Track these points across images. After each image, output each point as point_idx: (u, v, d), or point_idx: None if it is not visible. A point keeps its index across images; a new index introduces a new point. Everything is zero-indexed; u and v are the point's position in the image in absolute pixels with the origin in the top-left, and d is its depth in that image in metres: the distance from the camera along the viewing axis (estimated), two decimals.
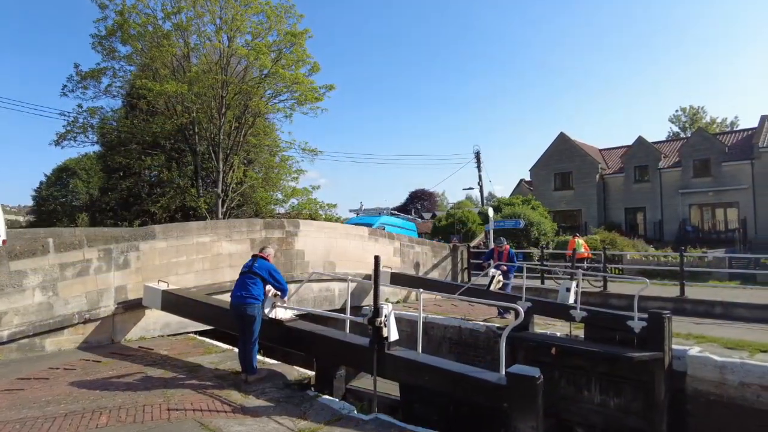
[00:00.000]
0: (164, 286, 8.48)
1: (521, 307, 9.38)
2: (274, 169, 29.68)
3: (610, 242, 23.24)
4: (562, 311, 9.29)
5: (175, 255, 9.06)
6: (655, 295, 12.78)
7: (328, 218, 27.27)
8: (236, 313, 6.27)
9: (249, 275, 6.34)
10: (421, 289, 6.37)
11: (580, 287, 9.77)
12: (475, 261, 18.06)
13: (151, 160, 26.97)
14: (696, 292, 13.65)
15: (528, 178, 40.68)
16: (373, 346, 5.60)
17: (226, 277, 9.65)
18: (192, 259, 9.31)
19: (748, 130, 33.61)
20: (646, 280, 9.29)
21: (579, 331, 9.24)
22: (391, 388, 6.18)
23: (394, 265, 14.14)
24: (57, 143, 24.76)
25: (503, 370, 4.83)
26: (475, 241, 24.70)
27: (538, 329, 9.96)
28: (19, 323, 7.08)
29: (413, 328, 5.88)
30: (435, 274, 16.33)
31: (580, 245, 17.49)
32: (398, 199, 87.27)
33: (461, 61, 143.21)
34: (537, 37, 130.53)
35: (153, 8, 23.22)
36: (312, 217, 25.95)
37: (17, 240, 9.45)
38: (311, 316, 7.44)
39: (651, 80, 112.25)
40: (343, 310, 7.67)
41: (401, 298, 13.92)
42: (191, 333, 9.05)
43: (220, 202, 24.12)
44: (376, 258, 5.69)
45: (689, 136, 38.66)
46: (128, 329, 8.39)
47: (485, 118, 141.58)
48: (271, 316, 6.64)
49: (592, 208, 35.02)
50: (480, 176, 37.20)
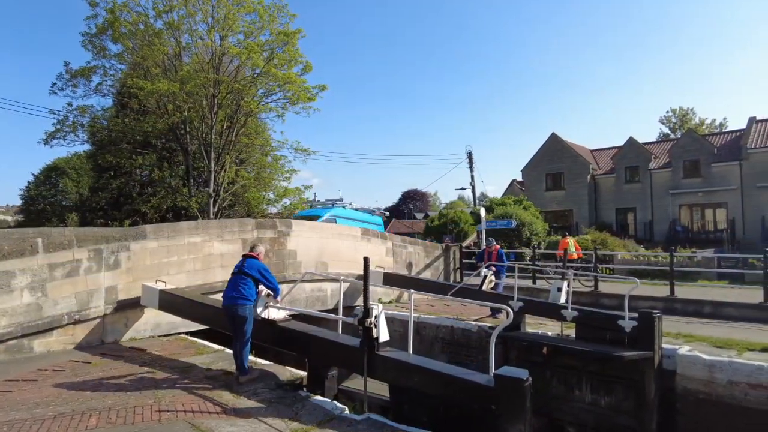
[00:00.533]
0: (162, 286, 8.45)
1: (513, 307, 9.54)
2: (266, 168, 29.53)
3: (601, 242, 23.41)
4: (553, 311, 9.34)
5: (167, 255, 9.00)
6: (646, 295, 12.88)
7: None
8: (228, 313, 6.26)
9: (240, 276, 6.33)
10: (412, 290, 6.36)
11: (572, 287, 9.84)
12: (467, 261, 18.14)
13: (142, 159, 26.69)
14: (686, 291, 13.78)
15: (520, 178, 40.89)
16: (363, 347, 5.59)
17: (218, 278, 9.61)
18: (183, 260, 9.26)
19: (736, 131, 33.99)
20: (637, 279, 9.35)
21: (570, 331, 9.29)
22: (382, 389, 6.17)
23: (387, 265, 14.14)
24: (46, 142, 24.49)
25: (492, 372, 4.81)
26: (467, 241, 24.78)
27: (529, 329, 10.01)
28: (7, 324, 6.99)
29: (405, 328, 5.88)
30: (427, 274, 16.36)
31: (572, 245, 17.65)
32: (391, 199, 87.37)
33: (454, 62, 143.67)
34: (530, 38, 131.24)
35: (144, 6, 23.00)
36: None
37: (5, 240, 9.29)
38: (304, 317, 7.42)
39: (642, 81, 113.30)
40: (335, 310, 7.66)
41: (394, 298, 13.93)
42: (182, 333, 9.00)
43: (212, 202, 23.96)
44: (365, 259, 5.68)
45: (679, 137, 39.03)
46: (119, 330, 8.32)
47: (477, 119, 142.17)
48: (264, 316, 6.62)
49: (584, 209, 35.25)
50: (472, 176, 37.43)
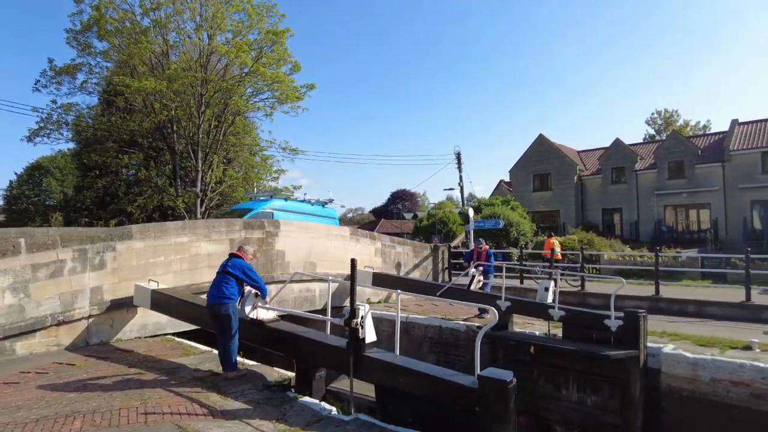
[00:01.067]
0: (154, 286, 8.41)
1: (501, 306, 9.61)
2: (254, 168, 29.42)
3: (587, 242, 23.63)
4: (540, 310, 9.41)
5: (153, 255, 8.90)
6: (632, 295, 13.03)
7: None
8: (211, 312, 6.32)
9: (223, 275, 6.37)
10: (399, 290, 6.36)
11: (558, 287, 9.93)
12: (456, 261, 18.20)
13: (129, 158, 26.44)
14: (670, 291, 13.98)
15: (508, 179, 41.14)
16: (349, 348, 5.58)
17: (205, 278, 9.52)
18: (170, 260, 9.17)
19: (719, 133, 34.53)
20: (623, 279, 9.45)
21: (557, 330, 9.38)
22: (370, 390, 6.17)
23: (376, 265, 14.14)
24: (29, 139, 24.11)
25: (477, 373, 4.80)
26: (455, 242, 24.87)
27: (517, 328, 10.08)
28: None
29: (394, 328, 5.88)
30: (416, 274, 16.39)
31: (557, 245, 17.93)
32: (381, 199, 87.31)
33: (442, 63, 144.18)
34: (519, 40, 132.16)
35: (131, 3, 22.75)
36: None
37: None
38: (292, 317, 7.40)
39: (628, 82, 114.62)
40: (324, 311, 7.64)
41: (383, 298, 13.93)
42: (169, 334, 8.92)
43: (199, 202, 23.80)
44: (353, 261, 5.68)
45: (664, 138, 39.56)
46: (104, 331, 8.21)
47: (466, 120, 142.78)
48: (252, 316, 6.59)
49: (570, 209, 35.58)
50: (461, 177, 37.46)
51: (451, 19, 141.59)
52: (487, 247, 12.21)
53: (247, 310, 6.53)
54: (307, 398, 5.75)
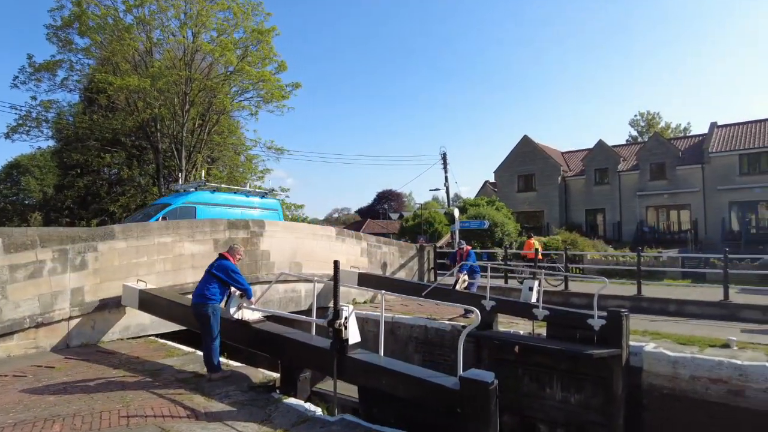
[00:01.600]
0: (142, 286, 8.34)
1: (486, 306, 9.67)
2: (238, 168, 29.20)
3: (571, 242, 23.91)
4: (525, 310, 9.48)
5: (136, 256, 8.78)
6: (614, 294, 13.20)
7: (294, 219, 27.04)
8: (194, 312, 6.31)
9: (208, 275, 6.38)
10: (383, 291, 6.36)
11: (542, 286, 10.03)
12: (441, 261, 18.27)
13: (111, 157, 26.04)
14: (652, 290, 14.21)
15: (493, 179, 41.46)
16: (333, 349, 5.56)
17: (189, 279, 9.43)
18: (153, 260, 9.05)
19: (699, 135, 35.25)
20: (606, 279, 9.57)
21: (542, 330, 9.46)
22: (355, 391, 6.16)
23: (362, 265, 14.13)
24: (7, 136, 23.54)
25: (459, 373, 4.79)
26: (441, 242, 24.99)
27: (502, 328, 10.15)
28: None
29: (379, 328, 5.88)
30: (402, 274, 16.41)
31: (537, 245, 18.16)
32: (367, 199, 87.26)
33: (428, 63, 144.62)
34: (503, 41, 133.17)
35: (113, 0, 22.44)
36: None
37: None
38: (278, 318, 7.35)
39: (613, 84, 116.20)
40: (309, 311, 7.61)
41: (368, 298, 13.93)
42: (152, 336, 8.80)
43: None
44: (336, 262, 5.66)
45: (646, 140, 40.21)
46: (85, 333, 8.07)
47: (452, 120, 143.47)
48: (237, 317, 6.55)
49: (554, 210, 35.98)
50: (446, 177, 37.70)
51: (437, 20, 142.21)
52: (469, 247, 12.48)
53: (232, 310, 6.48)
54: (292, 399, 5.71)
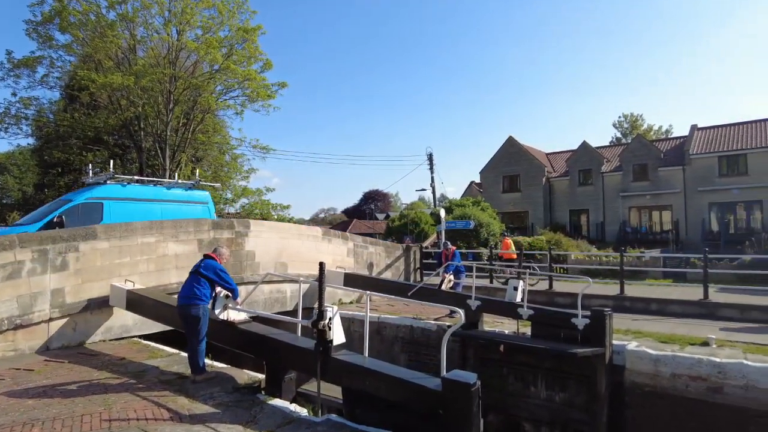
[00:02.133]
0: (130, 286, 8.25)
1: (471, 306, 9.73)
2: (223, 167, 28.97)
3: (555, 243, 24.15)
4: (510, 309, 9.55)
5: (118, 256, 8.66)
6: (598, 294, 13.37)
7: (280, 219, 26.89)
8: (181, 314, 6.18)
9: (195, 275, 6.26)
10: (368, 292, 6.36)
11: (527, 286, 10.12)
12: (428, 261, 18.33)
13: (93, 156, 25.60)
14: (634, 290, 14.43)
15: (478, 180, 41.70)
16: (317, 350, 5.54)
17: (172, 279, 9.33)
18: (136, 260, 8.93)
19: (680, 137, 35.89)
20: (590, 279, 9.67)
21: (526, 329, 9.54)
22: (340, 392, 6.15)
23: (348, 265, 14.11)
24: None
25: (443, 374, 4.78)
26: (427, 242, 25.05)
27: (487, 327, 10.21)
28: None
29: (364, 329, 5.87)
30: (388, 275, 16.42)
31: (512, 246, 18.55)
32: (353, 199, 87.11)
33: (416, 66, 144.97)
34: (489, 43, 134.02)
35: None
36: (264, 217, 25.51)
37: None
38: (264, 318, 7.31)
39: (597, 86, 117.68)
40: (295, 312, 7.58)
41: (355, 298, 13.90)
42: (135, 337, 8.68)
43: None
44: (321, 264, 5.64)
45: (629, 142, 40.81)
46: (66, 335, 7.92)
47: (438, 120, 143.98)
48: (223, 317, 6.49)
49: (539, 210, 36.32)
50: (432, 178, 37.84)
51: (423, 21, 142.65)
52: (454, 248, 12.57)
53: (218, 311, 6.43)
54: (277, 400, 5.68)
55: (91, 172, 14.31)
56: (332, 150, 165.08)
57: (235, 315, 6.63)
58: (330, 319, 5.50)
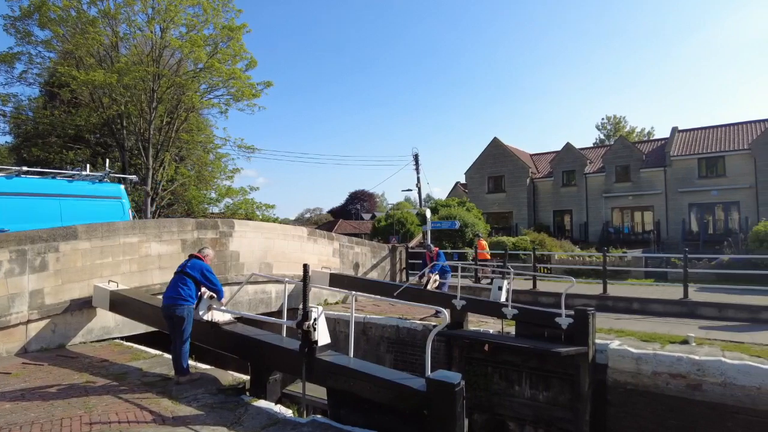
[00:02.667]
0: (114, 287, 8.13)
1: (457, 305, 9.78)
2: (207, 166, 28.67)
3: (539, 243, 24.37)
4: (494, 309, 9.61)
5: (100, 256, 8.52)
6: (581, 293, 13.53)
7: (265, 219, 26.71)
8: (166, 314, 6.11)
9: (181, 275, 6.20)
10: (354, 292, 6.35)
11: (512, 286, 10.20)
12: (413, 261, 18.37)
13: (74, 154, 25.12)
14: (617, 289, 14.64)
15: (463, 180, 41.93)
16: (302, 351, 5.52)
17: (155, 280, 9.22)
18: (118, 261, 8.80)
19: (661, 139, 36.54)
20: (573, 278, 9.76)
21: (511, 328, 9.62)
22: (325, 393, 6.13)
23: (334, 265, 14.07)
24: None
25: (427, 374, 4.78)
26: (413, 242, 25.11)
27: (472, 326, 10.27)
28: None
29: (350, 329, 5.85)
30: (374, 275, 16.42)
31: (487, 246, 18.87)
32: (339, 199, 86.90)
33: (402, 66, 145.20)
34: (473, 43, 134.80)
35: None
36: (248, 217, 25.32)
37: None
38: (248, 319, 7.25)
39: (580, 88, 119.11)
40: (280, 312, 7.54)
41: (341, 299, 13.87)
42: (117, 339, 8.55)
43: (150, 201, 22.95)
44: (305, 266, 5.62)
45: (612, 143, 41.40)
46: (45, 337, 7.77)
47: (424, 122, 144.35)
48: (207, 318, 6.43)
49: (523, 210, 36.65)
50: (418, 178, 38.00)
51: (408, 22, 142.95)
52: (437, 249, 12.68)
53: (202, 312, 6.36)
54: (262, 402, 5.65)
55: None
56: (318, 150, 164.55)
57: (219, 316, 6.57)
58: (315, 320, 5.48)
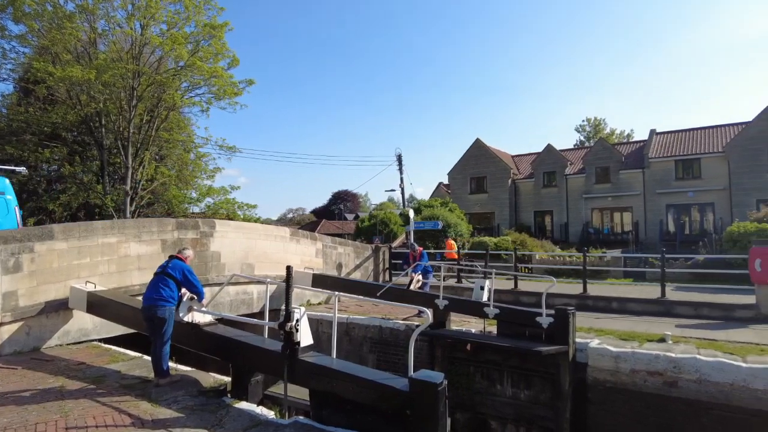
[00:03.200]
0: (91, 288, 7.98)
1: (439, 305, 9.82)
2: (188, 166, 28.29)
3: (520, 243, 24.63)
4: (476, 308, 9.69)
5: (77, 257, 8.34)
6: (561, 293, 13.70)
7: (247, 219, 26.48)
8: (146, 315, 6.01)
9: (162, 276, 6.10)
10: (337, 292, 6.33)
11: (493, 285, 10.28)
12: (396, 261, 18.40)
13: (50, 152, 24.55)
14: (597, 289, 14.87)
15: (446, 181, 42.16)
16: (284, 352, 5.49)
17: (135, 281, 9.06)
18: (96, 261, 8.62)
19: (640, 141, 37.25)
20: (553, 278, 9.88)
21: (492, 328, 9.70)
22: (308, 394, 6.11)
23: (317, 266, 14.02)
24: None
25: (410, 374, 4.79)
26: (396, 242, 25.16)
27: (454, 326, 10.33)
28: None
29: (332, 330, 5.84)
30: (357, 275, 16.41)
31: (455, 246, 19.15)
32: (322, 199, 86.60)
33: (384, 65, 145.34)
34: (454, 45, 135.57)
35: None
36: (229, 217, 25.07)
37: None
38: (229, 320, 7.18)
39: (561, 89, 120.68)
40: (262, 313, 7.48)
41: (323, 299, 13.83)
42: (95, 341, 8.39)
43: (129, 201, 22.57)
44: (288, 268, 5.59)
45: (593, 145, 42.05)
46: (19, 340, 7.57)
47: (407, 122, 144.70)
48: (187, 319, 6.35)
49: (505, 211, 37.01)
50: (402, 179, 37.93)
51: (387, 22, 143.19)
52: (421, 249, 12.73)
53: (182, 313, 6.28)
54: (243, 403, 5.60)
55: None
56: (300, 149, 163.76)
57: (200, 317, 6.49)
58: (297, 321, 5.45)
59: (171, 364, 6.29)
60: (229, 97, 24.61)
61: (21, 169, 14.65)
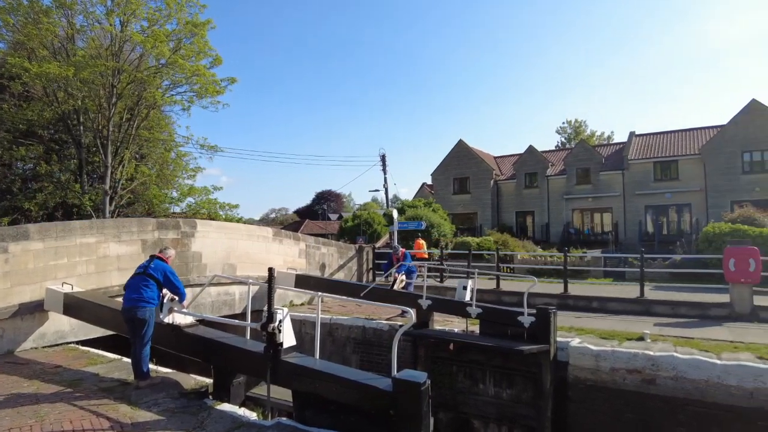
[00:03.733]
0: (68, 289, 7.80)
1: (423, 305, 9.86)
2: (169, 165, 27.90)
3: (502, 243, 24.81)
4: (459, 308, 9.74)
5: (54, 257, 8.16)
6: (543, 292, 13.86)
7: (228, 219, 26.21)
8: (126, 316, 5.92)
9: (143, 277, 6.00)
10: (320, 293, 6.31)
11: (476, 285, 10.35)
12: (380, 261, 18.41)
13: (26, 150, 23.96)
14: (577, 288, 15.07)
15: (430, 181, 42.33)
16: (267, 353, 5.45)
17: (114, 281, 8.90)
18: (75, 262, 8.45)
19: (620, 143, 37.88)
20: (535, 278, 9.99)
21: (475, 327, 9.77)
22: (290, 395, 6.08)
23: (300, 266, 13.95)
24: None
25: (393, 374, 4.78)
26: (380, 242, 25.17)
27: (437, 326, 10.38)
28: None
29: (316, 330, 5.81)
30: (341, 275, 16.37)
31: (425, 246, 19.42)
32: (305, 199, 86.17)
33: (368, 66, 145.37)
34: (437, 46, 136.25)
35: None
36: (211, 217, 24.77)
37: None
38: (211, 322, 7.10)
39: (543, 90, 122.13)
40: (244, 314, 7.42)
41: (306, 300, 13.77)
42: (72, 343, 8.21)
43: (108, 200, 22.16)
44: (270, 269, 5.56)
45: (573, 146, 42.62)
46: None
47: (391, 123, 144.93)
48: (168, 321, 6.26)
49: (487, 212, 37.30)
50: (385, 179, 38.14)
51: (369, 23, 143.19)
52: (404, 250, 12.76)
53: (163, 314, 6.19)
54: (225, 405, 5.54)
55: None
56: (283, 149, 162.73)
57: (181, 318, 6.41)
58: (280, 322, 5.41)
59: (151, 366, 6.20)
60: (211, 96, 24.35)
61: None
